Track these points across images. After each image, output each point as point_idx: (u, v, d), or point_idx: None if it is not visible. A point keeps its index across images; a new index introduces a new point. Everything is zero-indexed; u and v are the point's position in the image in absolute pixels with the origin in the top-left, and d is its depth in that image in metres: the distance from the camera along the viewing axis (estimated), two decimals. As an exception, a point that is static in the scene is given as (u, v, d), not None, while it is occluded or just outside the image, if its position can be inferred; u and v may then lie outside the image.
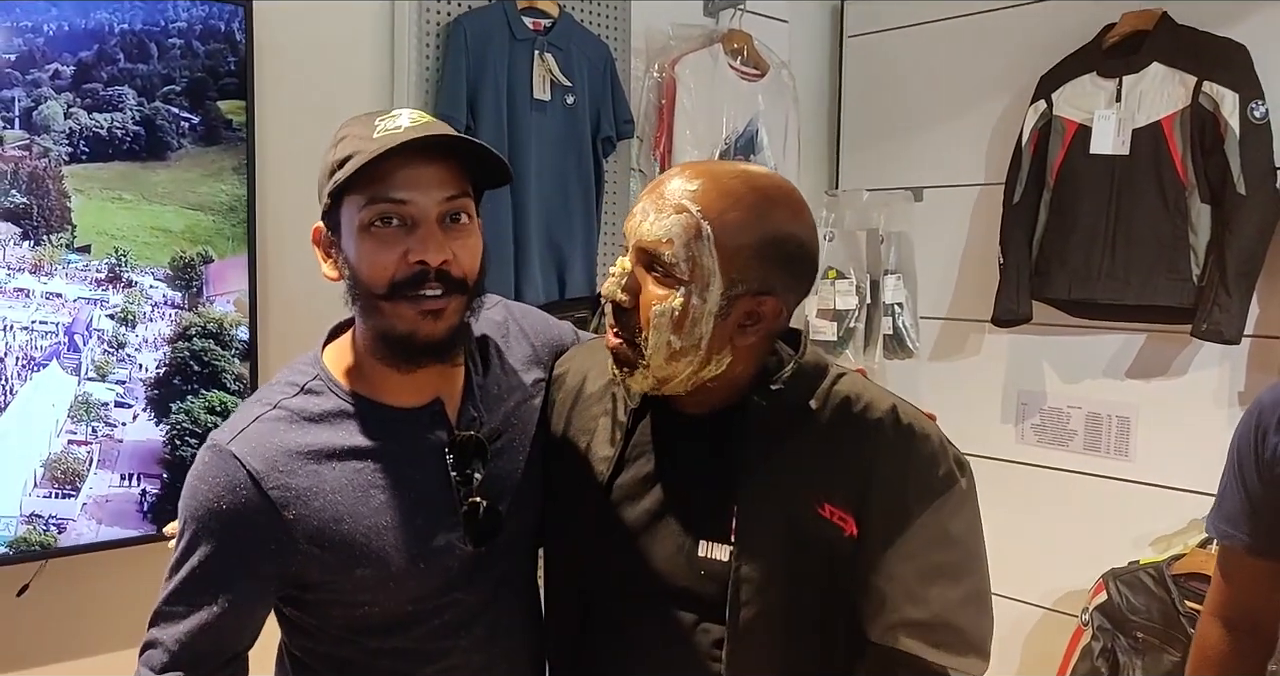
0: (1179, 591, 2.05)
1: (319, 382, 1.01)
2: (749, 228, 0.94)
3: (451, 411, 1.04)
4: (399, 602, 1.00)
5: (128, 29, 1.58)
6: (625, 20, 2.30)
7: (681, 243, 0.93)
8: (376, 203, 0.93)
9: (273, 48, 1.77)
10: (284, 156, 1.76)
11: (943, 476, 0.98)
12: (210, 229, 1.67)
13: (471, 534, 1.01)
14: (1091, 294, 2.25)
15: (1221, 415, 2.19)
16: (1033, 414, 2.50)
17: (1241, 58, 2.07)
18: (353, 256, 0.95)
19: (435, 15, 1.98)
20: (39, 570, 1.56)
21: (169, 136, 1.63)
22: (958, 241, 2.63)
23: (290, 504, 0.95)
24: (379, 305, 0.95)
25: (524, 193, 2.03)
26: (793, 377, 1.01)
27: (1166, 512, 2.25)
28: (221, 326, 1.70)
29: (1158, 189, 2.15)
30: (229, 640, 0.98)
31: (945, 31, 2.64)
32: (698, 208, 0.93)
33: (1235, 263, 2.05)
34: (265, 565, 0.96)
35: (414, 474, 1.00)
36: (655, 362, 0.96)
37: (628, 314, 0.97)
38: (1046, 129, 2.31)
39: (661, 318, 0.95)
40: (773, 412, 1.00)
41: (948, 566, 0.96)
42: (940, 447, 1.00)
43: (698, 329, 0.95)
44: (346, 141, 0.95)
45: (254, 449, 0.96)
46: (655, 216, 0.95)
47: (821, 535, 0.96)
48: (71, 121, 1.54)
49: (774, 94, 2.50)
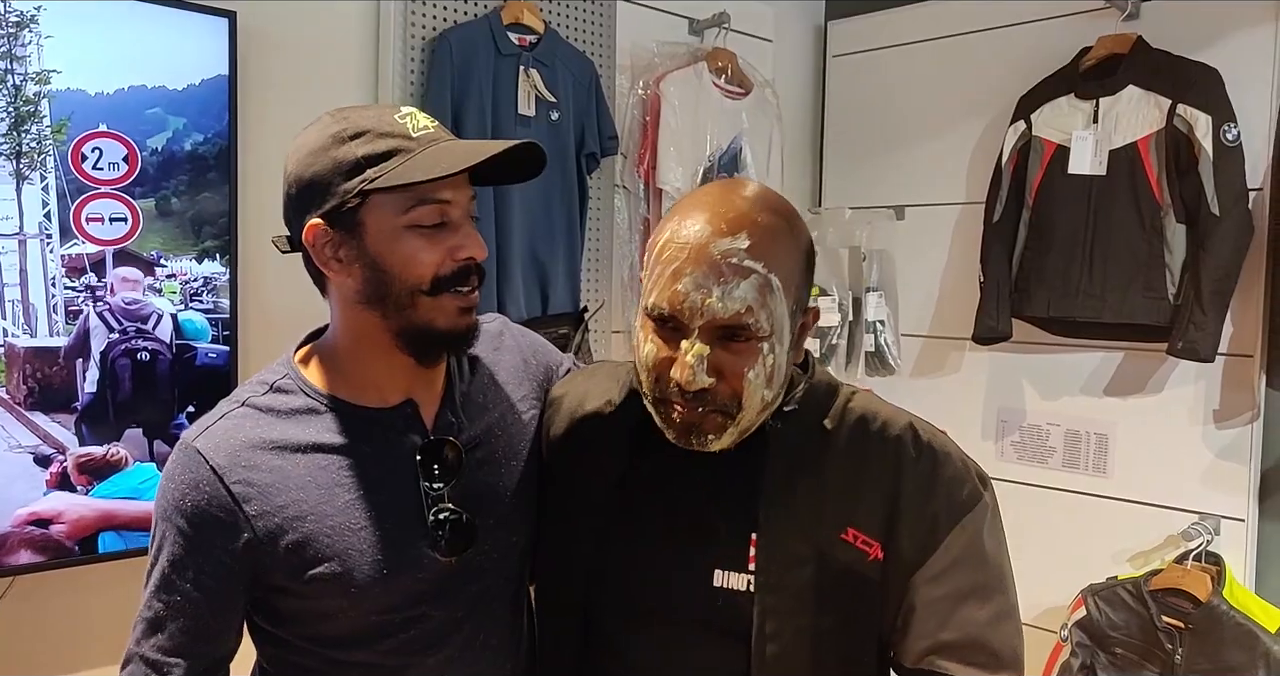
0: (1157, 607, 2.06)
1: (289, 381, 1.00)
2: (795, 255, 0.93)
3: (429, 416, 1.03)
4: (364, 612, 0.97)
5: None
6: (610, 37, 2.32)
7: (759, 305, 0.89)
8: (428, 203, 0.93)
9: (256, 60, 1.77)
10: (266, 172, 1.76)
11: (968, 495, 0.96)
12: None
13: (442, 544, 0.98)
14: (1070, 311, 2.27)
15: (1197, 432, 2.22)
16: (1012, 431, 2.52)
17: (1214, 81, 2.11)
18: (388, 254, 0.93)
19: (421, 30, 1.99)
20: (8, 587, 1.54)
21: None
22: (939, 259, 2.65)
23: (253, 498, 0.94)
24: (418, 301, 0.95)
25: (507, 208, 2.03)
26: (806, 397, 0.99)
27: (1144, 528, 2.27)
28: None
29: (1134, 209, 2.19)
30: (205, 645, 0.96)
31: (927, 52, 2.67)
32: (761, 263, 0.89)
33: (1210, 282, 2.08)
34: (232, 563, 0.95)
35: (384, 476, 0.98)
36: (747, 421, 0.93)
37: (709, 391, 0.90)
38: (1026, 149, 2.35)
39: (757, 380, 0.91)
40: (789, 435, 0.97)
41: (978, 586, 0.94)
42: (962, 465, 0.98)
43: (782, 373, 0.94)
44: (372, 138, 0.92)
45: (218, 444, 0.95)
46: (721, 289, 0.87)
47: (846, 561, 0.94)
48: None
49: (758, 112, 2.52)
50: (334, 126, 0.94)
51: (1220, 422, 2.19)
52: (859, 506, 0.95)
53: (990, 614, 0.94)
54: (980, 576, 0.95)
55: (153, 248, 1.63)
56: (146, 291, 1.62)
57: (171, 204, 1.64)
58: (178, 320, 1.66)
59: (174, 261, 1.65)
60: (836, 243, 2.64)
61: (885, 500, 0.95)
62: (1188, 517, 2.19)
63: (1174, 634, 2.03)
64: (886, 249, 2.65)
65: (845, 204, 2.76)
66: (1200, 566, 2.07)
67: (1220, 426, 2.19)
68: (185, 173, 1.65)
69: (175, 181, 1.64)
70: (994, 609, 0.94)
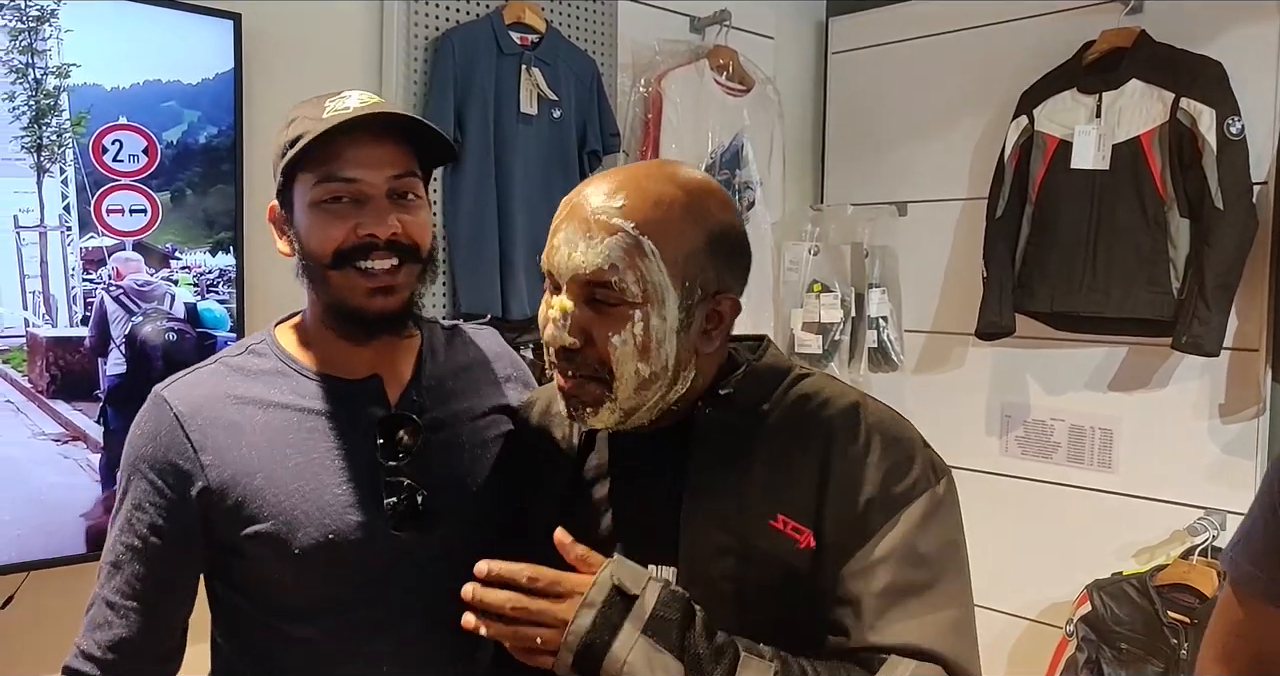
0: (1162, 602, 2.06)
1: (264, 346, 1.05)
2: (689, 229, 0.88)
3: (394, 393, 1.05)
4: (310, 582, 0.98)
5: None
6: (612, 35, 2.32)
7: (626, 265, 0.86)
8: (327, 181, 0.96)
9: (261, 61, 1.77)
10: (271, 171, 1.77)
11: (911, 484, 0.88)
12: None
13: (388, 512, 0.98)
14: (1073, 307, 2.27)
15: (1202, 427, 2.21)
16: (1016, 426, 2.52)
17: (1217, 74, 2.10)
18: (303, 231, 0.99)
19: (423, 29, 1.99)
20: (23, 581, 1.55)
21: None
22: (941, 255, 2.65)
23: (208, 449, 0.97)
24: (328, 276, 0.98)
25: (510, 206, 2.03)
26: (744, 381, 0.94)
27: (1149, 524, 2.27)
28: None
29: (1137, 203, 2.18)
30: (162, 595, 1.00)
31: (929, 48, 2.67)
32: (631, 223, 0.86)
33: (1214, 276, 2.07)
34: (187, 510, 0.98)
35: (340, 444, 1.00)
36: (623, 395, 0.89)
37: (579, 353, 0.89)
38: (1028, 144, 2.34)
39: (625, 347, 0.87)
40: (719, 420, 0.92)
41: (914, 586, 0.85)
42: (911, 450, 0.90)
43: (664, 349, 0.88)
44: (297, 122, 0.98)
45: (184, 394, 1.00)
46: (586, 244, 0.87)
47: (775, 550, 0.88)
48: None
49: (759, 109, 2.52)
50: (286, 118, 1.02)
51: (1225, 417, 2.19)
52: (789, 490, 0.89)
53: (933, 620, 0.84)
54: (919, 576, 0.85)
55: (168, 240, 1.65)
56: (162, 281, 1.65)
57: (186, 196, 1.66)
58: (197, 309, 1.69)
59: (189, 254, 1.67)
60: (839, 239, 2.64)
61: (814, 481, 0.88)
62: (1193, 513, 2.18)
63: (1179, 629, 2.03)
64: (889, 245, 2.65)
65: (847, 200, 2.75)
66: (1205, 561, 2.07)
67: (1225, 421, 2.19)
68: (199, 164, 1.67)
69: (190, 173, 1.66)
70: (938, 614, 0.85)
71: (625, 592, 0.82)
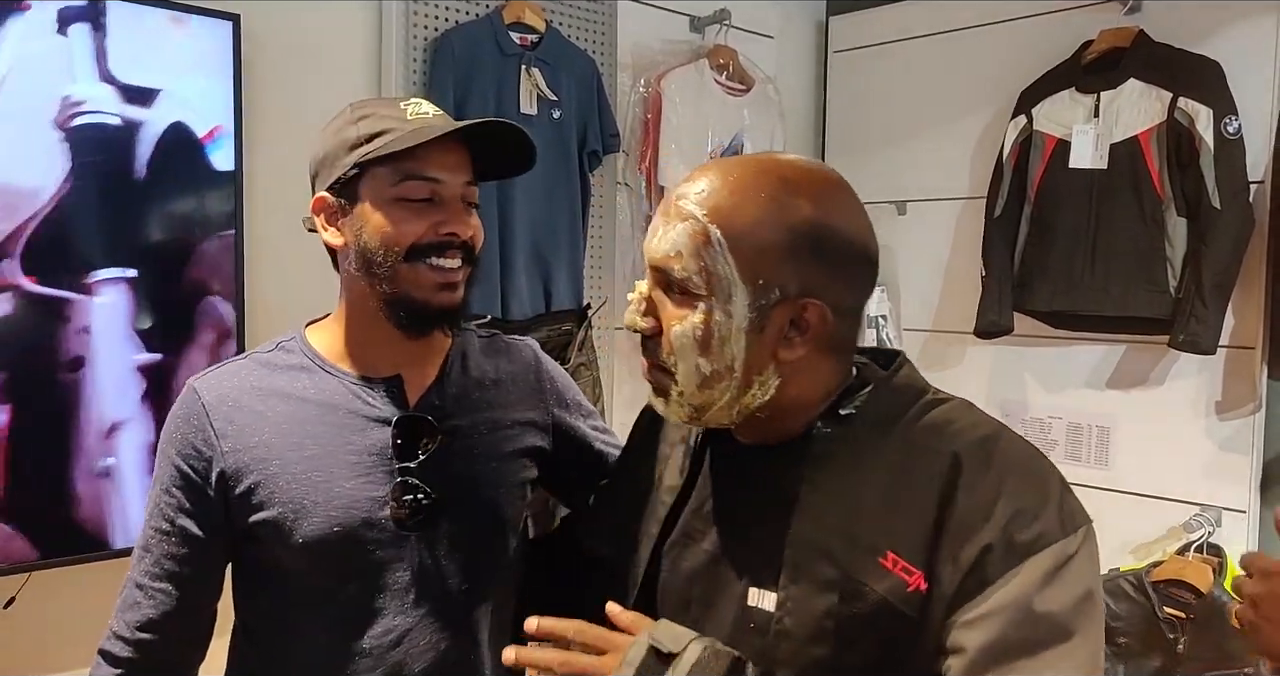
0: (1158, 598, 2.08)
1: (293, 343, 1.09)
2: (768, 223, 0.82)
3: (415, 395, 1.07)
4: (317, 572, 1.01)
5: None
6: (612, 35, 2.33)
7: (690, 253, 0.82)
8: (415, 179, 0.99)
9: (261, 62, 1.79)
10: (272, 171, 1.79)
11: (1039, 533, 0.78)
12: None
13: (392, 506, 1.01)
14: (1072, 305, 2.28)
15: (1198, 424, 2.22)
16: (1015, 424, 2.51)
17: (1215, 74, 2.11)
18: (374, 222, 1.00)
19: (423, 30, 2.00)
20: (25, 582, 1.56)
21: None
22: (941, 254, 2.66)
23: (229, 435, 1.01)
24: (397, 269, 1.00)
25: (510, 206, 2.04)
26: (870, 401, 0.87)
27: (1146, 520, 2.28)
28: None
29: (1135, 202, 2.19)
30: (190, 581, 1.03)
31: (928, 48, 2.68)
32: (703, 211, 0.83)
33: (1211, 275, 2.08)
34: (210, 496, 1.02)
35: (356, 440, 1.02)
36: (688, 390, 0.86)
37: (653, 340, 0.87)
38: (1027, 143, 2.35)
39: (683, 339, 0.84)
40: (838, 443, 0.86)
41: (1026, 646, 0.76)
42: (1044, 495, 0.80)
43: (728, 348, 0.83)
44: (373, 119, 1.01)
45: (212, 385, 1.05)
46: (663, 230, 0.85)
47: (881, 591, 0.80)
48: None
49: (759, 109, 2.53)
50: (350, 114, 1.04)
51: (1222, 414, 2.20)
52: (902, 527, 0.81)
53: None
54: (1031, 634, 0.76)
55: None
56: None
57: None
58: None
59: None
60: (839, 238, 2.65)
61: (933, 520, 0.80)
62: (1189, 509, 2.20)
63: (1175, 624, 2.04)
64: (888, 244, 2.65)
65: (847, 199, 2.76)
66: (1202, 558, 2.08)
67: (1222, 418, 2.20)
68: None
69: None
70: (1050, 670, 0.76)
71: (660, 651, 0.80)
